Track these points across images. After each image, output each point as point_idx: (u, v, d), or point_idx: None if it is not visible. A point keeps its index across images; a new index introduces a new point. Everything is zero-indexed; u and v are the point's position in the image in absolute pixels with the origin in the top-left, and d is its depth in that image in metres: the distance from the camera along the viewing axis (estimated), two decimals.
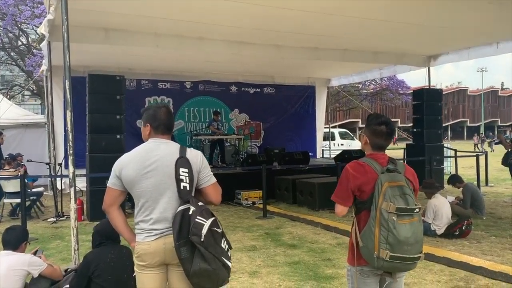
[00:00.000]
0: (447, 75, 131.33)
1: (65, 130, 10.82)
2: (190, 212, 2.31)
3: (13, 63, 22.45)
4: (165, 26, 8.13)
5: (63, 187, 9.26)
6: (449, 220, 6.27)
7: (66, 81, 4.40)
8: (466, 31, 8.74)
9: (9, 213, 8.31)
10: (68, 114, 4.39)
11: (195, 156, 2.50)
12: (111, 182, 2.50)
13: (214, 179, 2.56)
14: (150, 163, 2.43)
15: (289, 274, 4.69)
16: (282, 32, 8.60)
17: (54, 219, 7.84)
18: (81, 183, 8.48)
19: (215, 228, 2.34)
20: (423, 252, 2.43)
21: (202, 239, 2.25)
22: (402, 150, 12.68)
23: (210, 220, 2.32)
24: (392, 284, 2.50)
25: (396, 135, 33.34)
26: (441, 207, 6.23)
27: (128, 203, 7.87)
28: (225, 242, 2.41)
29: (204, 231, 2.27)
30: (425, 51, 11.19)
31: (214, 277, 2.31)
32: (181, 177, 2.39)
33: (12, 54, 21.14)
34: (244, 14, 7.37)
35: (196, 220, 2.28)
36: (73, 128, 4.63)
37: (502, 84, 72.45)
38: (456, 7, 7.06)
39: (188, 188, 2.39)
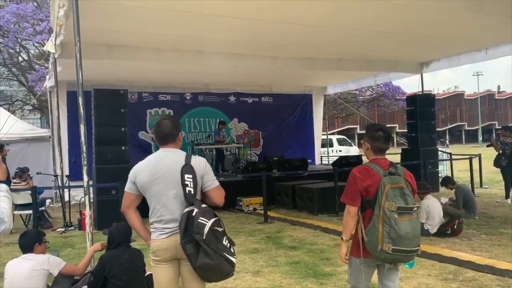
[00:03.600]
0: (444, 80, 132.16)
1: (70, 143, 11.24)
2: (194, 214, 2.61)
3: (14, 78, 22.83)
4: (166, 41, 8.47)
5: (70, 199, 9.53)
6: (441, 219, 6.57)
7: (79, 97, 4.73)
8: (456, 38, 9.09)
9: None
10: (82, 127, 4.72)
11: (198, 163, 2.81)
12: (128, 187, 2.82)
13: (217, 183, 2.87)
14: (159, 170, 2.75)
15: (290, 273, 4.99)
16: (278, 44, 8.97)
17: (63, 229, 8.12)
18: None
19: (216, 228, 2.63)
20: (420, 246, 2.80)
21: (204, 237, 2.55)
22: (399, 155, 12.98)
23: (212, 220, 2.62)
24: (392, 272, 2.90)
25: (395, 141, 33.64)
26: (433, 208, 6.55)
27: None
28: (227, 240, 2.71)
29: (206, 230, 2.57)
30: (418, 58, 11.57)
31: (218, 271, 2.62)
32: (186, 182, 2.70)
33: (13, 69, 21.52)
34: (241, 29, 7.72)
35: (199, 220, 2.59)
36: (80, 140, 4.94)
37: (499, 87, 72.89)
38: (445, 16, 7.43)
39: (192, 192, 2.70)
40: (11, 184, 8.48)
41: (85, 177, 4.70)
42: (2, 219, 1.86)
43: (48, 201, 9.51)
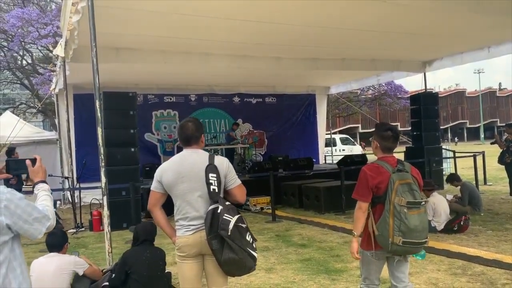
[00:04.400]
0: (444, 77, 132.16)
1: (77, 145, 11.38)
2: (219, 211, 2.73)
3: (18, 82, 22.98)
4: (172, 44, 8.59)
5: (79, 200, 9.65)
6: (448, 216, 6.68)
7: (96, 100, 4.85)
8: (459, 37, 9.20)
9: None
10: (99, 130, 4.85)
11: (221, 162, 2.93)
12: (154, 186, 2.94)
13: (239, 181, 2.99)
14: (184, 170, 2.87)
15: (302, 269, 5.11)
16: (281, 45, 9.08)
17: (75, 230, 8.25)
18: (98, 195, 8.89)
19: (240, 224, 2.76)
20: (428, 238, 2.95)
21: (229, 233, 2.67)
22: (403, 154, 13.09)
23: (236, 217, 2.75)
24: (401, 264, 3.03)
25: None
26: (439, 205, 6.66)
27: (142, 213, 8.33)
28: (250, 235, 2.84)
29: (231, 226, 2.69)
30: (420, 57, 11.66)
31: (241, 265, 2.74)
32: (211, 181, 2.82)
33: (17, 73, 21.66)
34: (245, 30, 7.83)
35: (224, 217, 2.71)
36: (98, 142, 5.08)
37: (500, 84, 73.05)
38: (447, 16, 7.54)
39: (216, 190, 2.82)
40: (23, 186, 8.61)
41: (103, 178, 4.83)
42: (48, 216, 1.98)
43: (57, 203, 9.64)
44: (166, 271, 4.01)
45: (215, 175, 2.83)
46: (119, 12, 6.55)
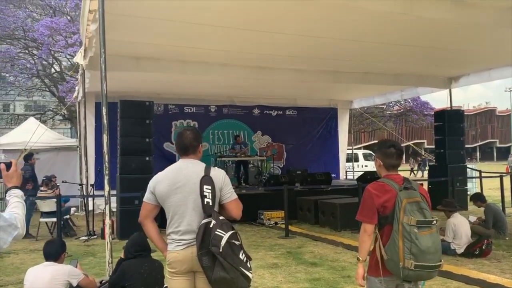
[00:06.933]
0: (474, 95, 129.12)
1: (97, 153, 11.46)
2: (211, 225, 2.58)
3: (46, 89, 23.58)
4: (191, 54, 8.58)
5: (94, 208, 9.66)
6: (469, 239, 6.34)
7: (103, 107, 4.81)
8: (486, 53, 8.88)
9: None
10: (105, 137, 4.79)
11: (218, 174, 2.78)
12: (146, 197, 2.81)
13: (235, 196, 2.83)
14: (179, 181, 2.73)
15: None
16: (302, 57, 8.94)
17: (86, 238, 8.23)
18: (112, 203, 8.86)
19: (233, 241, 2.59)
20: (442, 261, 2.69)
21: (221, 250, 2.51)
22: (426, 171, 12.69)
23: (229, 233, 2.59)
24: None
25: (421, 158, 33.01)
26: (460, 226, 6.32)
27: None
28: (244, 254, 2.66)
29: (223, 242, 2.53)
30: (446, 73, 11.32)
31: (233, 285, 2.56)
32: (205, 193, 2.68)
33: (45, 81, 22.24)
34: (265, 42, 7.74)
35: (216, 232, 2.56)
36: (103, 150, 5.03)
37: None
38: (474, 31, 7.27)
39: (211, 204, 2.67)
40: (38, 191, 8.68)
41: (106, 187, 4.75)
42: (15, 225, 1.86)
43: (73, 209, 9.69)
44: (165, 285, 3.87)
45: (210, 187, 2.69)
46: (138, 21, 6.57)
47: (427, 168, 28.49)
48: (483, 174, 13.00)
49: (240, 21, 6.61)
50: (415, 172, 32.97)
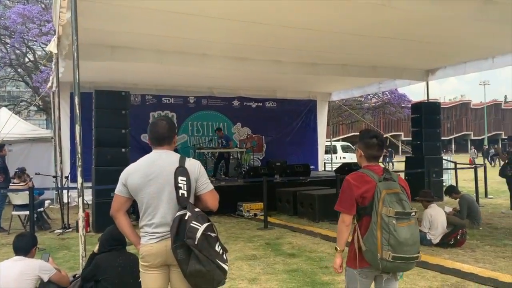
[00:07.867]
0: (450, 88, 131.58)
1: (72, 144, 11.18)
2: (186, 217, 2.51)
3: (20, 79, 22.91)
4: (169, 43, 8.41)
5: (69, 200, 9.46)
6: (444, 229, 6.43)
7: (76, 97, 4.66)
8: (463, 46, 8.98)
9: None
10: (77, 128, 4.65)
11: (193, 165, 2.71)
12: (118, 189, 2.73)
13: (211, 186, 2.77)
14: (152, 172, 2.65)
15: (287, 281, 4.87)
16: (282, 49, 8.88)
17: (61, 231, 8.05)
18: (87, 196, 8.69)
19: (209, 233, 2.53)
20: (420, 253, 2.69)
21: (196, 242, 2.45)
22: (403, 163, 12.87)
23: (205, 225, 2.52)
24: (390, 282, 2.75)
25: (400, 149, 33.45)
26: (436, 217, 6.41)
27: (132, 215, 8.11)
28: (220, 246, 2.60)
29: (198, 234, 2.47)
30: (424, 65, 11.44)
31: (209, 278, 2.51)
32: (180, 185, 2.60)
33: (19, 70, 21.61)
34: (244, 32, 7.65)
35: (191, 224, 2.49)
36: (75, 141, 4.88)
37: (505, 97, 72.42)
38: (451, 24, 7.33)
39: (186, 195, 2.60)
40: (10, 184, 8.43)
41: (79, 179, 4.62)
42: None
43: (47, 202, 9.43)
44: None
45: (185, 178, 2.62)
46: (113, 9, 6.39)
47: (393, 160, 29.08)
48: (458, 166, 13.24)
49: (219, 10, 6.49)
50: (382, 164, 33.35)
